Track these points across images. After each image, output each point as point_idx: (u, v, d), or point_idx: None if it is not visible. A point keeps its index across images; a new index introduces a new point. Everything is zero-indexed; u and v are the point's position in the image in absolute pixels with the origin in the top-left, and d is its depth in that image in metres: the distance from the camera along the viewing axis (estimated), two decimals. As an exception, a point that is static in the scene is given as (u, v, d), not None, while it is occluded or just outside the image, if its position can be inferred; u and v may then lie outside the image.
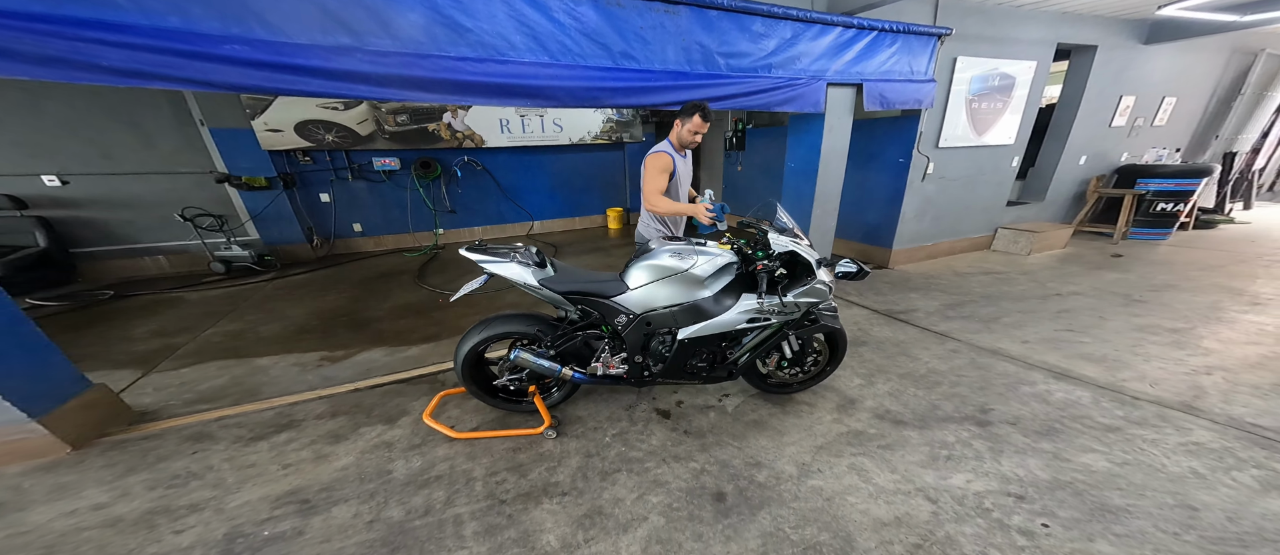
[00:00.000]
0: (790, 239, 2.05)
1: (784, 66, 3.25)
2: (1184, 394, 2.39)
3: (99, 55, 1.63)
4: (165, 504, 1.73)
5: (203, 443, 2.11)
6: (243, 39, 1.83)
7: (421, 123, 5.47)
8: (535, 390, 2.18)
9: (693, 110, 2.32)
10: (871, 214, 4.99)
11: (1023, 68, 4.59)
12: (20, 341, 1.99)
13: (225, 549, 1.53)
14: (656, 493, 1.83)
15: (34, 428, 1.93)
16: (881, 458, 2.00)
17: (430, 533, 1.63)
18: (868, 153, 4.83)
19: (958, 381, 2.59)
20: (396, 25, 2.11)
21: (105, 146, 4.66)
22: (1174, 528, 1.56)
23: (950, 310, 3.65)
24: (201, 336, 3.37)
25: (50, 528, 1.62)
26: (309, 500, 1.75)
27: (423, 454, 2.03)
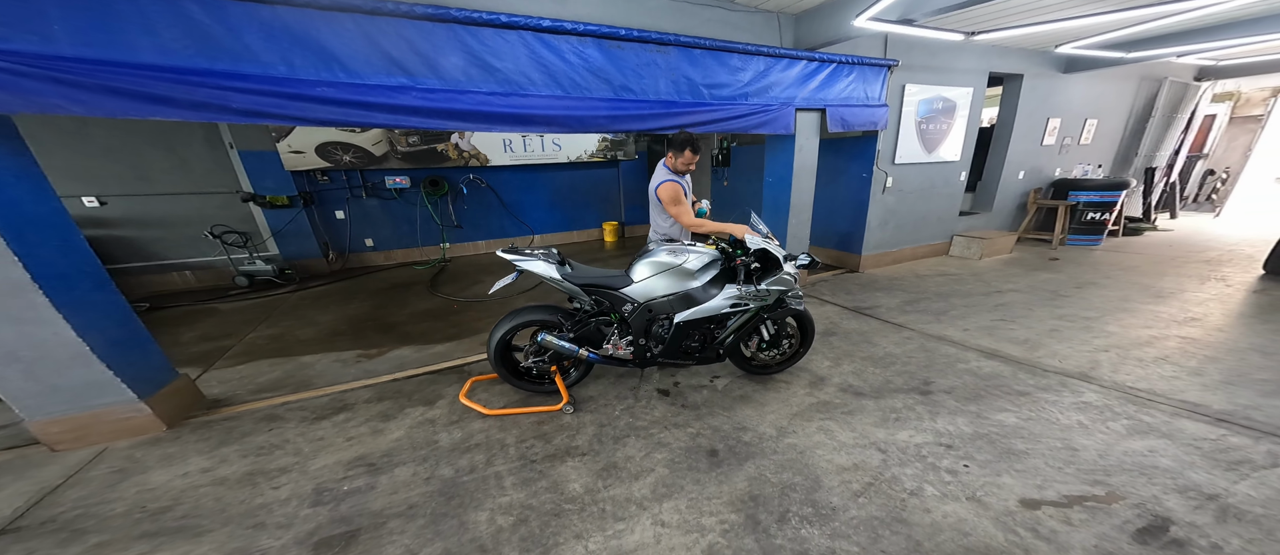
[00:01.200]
0: (763, 240, 2.42)
1: (759, 95, 3.66)
2: (1083, 366, 2.81)
3: (229, 100, 1.95)
4: (258, 467, 2.00)
5: (274, 422, 2.37)
6: (330, 82, 2.16)
7: (431, 143, 5.76)
8: (556, 370, 2.48)
9: (684, 144, 2.60)
10: (842, 223, 5.42)
11: (962, 93, 5.10)
12: (132, 335, 2.27)
13: (315, 499, 1.81)
14: (660, 451, 2.15)
15: (141, 407, 2.20)
16: (844, 421, 2.35)
17: (477, 485, 1.91)
18: (837, 169, 5.28)
19: (908, 362, 2.97)
20: (442, 67, 2.44)
21: (143, 169, 4.85)
22: (1058, 464, 1.94)
23: (908, 306, 4.06)
24: (245, 340, 3.59)
25: (171, 486, 1.88)
26: (374, 464, 2.03)
27: (461, 428, 2.32)
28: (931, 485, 1.85)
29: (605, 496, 1.86)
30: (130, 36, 1.75)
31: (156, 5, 1.76)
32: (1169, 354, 2.93)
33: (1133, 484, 1.80)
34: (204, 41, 1.87)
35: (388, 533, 1.65)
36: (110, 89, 1.72)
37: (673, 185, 2.59)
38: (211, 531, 1.66)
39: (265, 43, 1.97)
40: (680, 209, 2.57)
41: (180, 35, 1.83)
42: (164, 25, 1.79)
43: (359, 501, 1.80)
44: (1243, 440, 2.04)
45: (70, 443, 2.13)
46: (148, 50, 1.78)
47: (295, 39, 2.03)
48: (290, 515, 1.73)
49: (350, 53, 2.17)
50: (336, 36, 2.12)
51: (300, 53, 2.05)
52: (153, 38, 1.79)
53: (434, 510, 1.75)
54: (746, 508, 1.78)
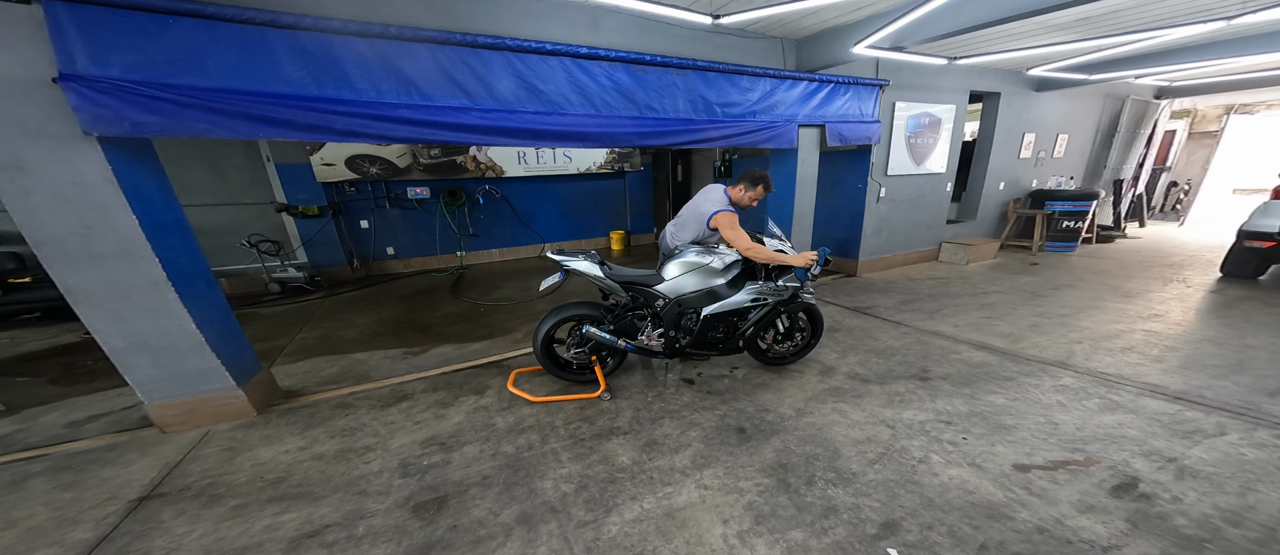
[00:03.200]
0: (778, 242, 2.67)
1: (766, 112, 3.95)
2: (1060, 355, 3.09)
3: (334, 122, 2.20)
4: (346, 446, 2.20)
5: (348, 409, 2.56)
6: (409, 104, 2.40)
7: (451, 155, 5.99)
8: (595, 359, 2.70)
9: (757, 182, 2.74)
10: (841, 230, 5.70)
11: (945, 110, 5.45)
12: (231, 329, 2.49)
13: (402, 471, 2.01)
14: (693, 430, 2.37)
15: (238, 394, 2.41)
16: (854, 403, 2.59)
17: (537, 459, 2.12)
18: (835, 180, 5.58)
19: (907, 353, 3.23)
20: (496, 89, 2.69)
21: (186, 182, 5.02)
22: (1043, 435, 2.21)
23: (903, 306, 4.33)
24: (296, 340, 3.76)
25: (278, 461, 2.08)
26: (444, 443, 2.24)
27: (513, 413, 2.52)
28: (937, 454, 2.09)
29: (651, 467, 2.07)
30: (262, 69, 2.00)
31: (281, 41, 2.01)
32: (1135, 345, 3.21)
33: (1106, 450, 2.06)
34: (316, 71, 2.11)
35: (471, 498, 1.85)
36: (248, 115, 1.97)
37: (732, 216, 2.65)
38: (325, 497, 1.86)
39: (360, 71, 2.22)
40: (738, 234, 2.57)
41: (298, 66, 2.07)
42: (286, 58, 2.04)
43: (440, 474, 2.00)
44: (1196, 414, 2.32)
45: (179, 425, 2.32)
46: (276, 81, 2.04)
47: (383, 67, 2.28)
48: (386, 485, 1.93)
49: (424, 78, 2.41)
50: (413, 64, 2.37)
51: (387, 79, 2.30)
52: (279, 70, 2.04)
53: (505, 480, 1.95)
54: (777, 473, 2.00)
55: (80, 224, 1.88)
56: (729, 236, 2.59)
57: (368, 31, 2.16)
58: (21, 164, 1.75)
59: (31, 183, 1.78)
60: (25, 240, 1.82)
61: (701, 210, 2.77)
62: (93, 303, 1.99)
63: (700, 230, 2.81)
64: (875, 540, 1.60)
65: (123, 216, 1.93)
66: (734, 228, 2.60)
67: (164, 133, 1.88)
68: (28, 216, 1.80)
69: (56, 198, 1.83)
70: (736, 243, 2.57)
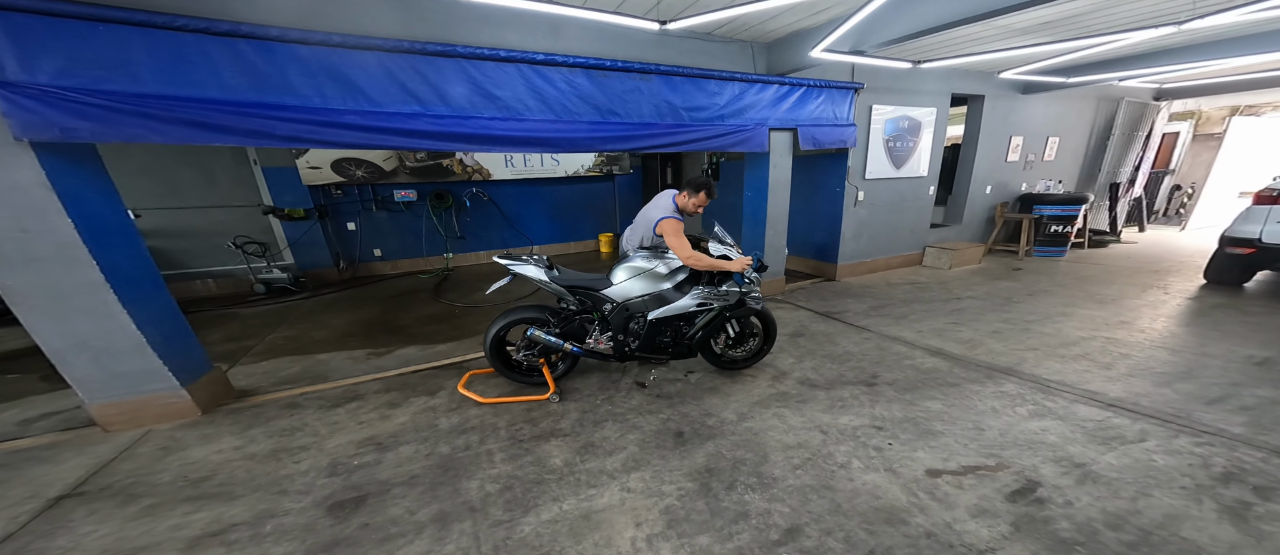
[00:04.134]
0: (724, 247, 2.69)
1: (735, 116, 3.96)
2: (1011, 362, 3.08)
3: (275, 128, 2.25)
4: (282, 445, 2.26)
5: (296, 409, 2.63)
6: (356, 110, 2.45)
7: (437, 159, 6.08)
8: (544, 362, 2.74)
9: (699, 188, 2.71)
10: (820, 235, 5.69)
11: (926, 113, 5.41)
12: (179, 329, 2.55)
13: (330, 471, 2.06)
14: (634, 433, 2.39)
15: (182, 394, 2.47)
16: (796, 408, 2.60)
17: (471, 459, 2.16)
18: (814, 183, 5.57)
19: (862, 359, 3.23)
20: (449, 95, 2.74)
21: (175, 184, 5.16)
22: (965, 440, 2.21)
23: (873, 311, 4.32)
24: (266, 340, 3.85)
25: (208, 460, 2.14)
26: (382, 443, 2.29)
27: (459, 414, 2.57)
28: (859, 459, 2.09)
29: (582, 469, 2.10)
30: (199, 75, 2.06)
31: (218, 47, 2.07)
32: (1090, 352, 3.18)
33: (1020, 456, 2.06)
34: (255, 77, 2.17)
35: (392, 497, 1.89)
36: (184, 121, 2.03)
37: (677, 223, 2.64)
38: (243, 496, 1.91)
39: (303, 77, 2.28)
40: (680, 242, 2.57)
41: (237, 73, 2.13)
42: (225, 64, 2.10)
43: (368, 473, 2.05)
44: (1123, 421, 2.31)
45: (121, 424, 2.38)
46: (213, 87, 2.09)
47: (328, 73, 2.34)
48: (309, 484, 1.98)
49: (372, 84, 2.47)
50: (361, 70, 2.42)
51: (332, 85, 2.36)
52: (216, 76, 2.09)
53: (432, 479, 2.00)
54: (702, 478, 2.03)
55: (16, 227, 1.95)
56: (672, 244, 2.60)
57: (309, 39, 2.22)
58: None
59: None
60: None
61: (649, 216, 2.79)
62: (30, 304, 2.06)
63: (649, 236, 2.84)
64: (776, 546, 1.62)
65: (59, 220, 1.99)
66: (677, 234, 2.61)
67: (97, 138, 1.94)
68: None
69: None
70: (678, 250, 2.58)
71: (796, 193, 5.73)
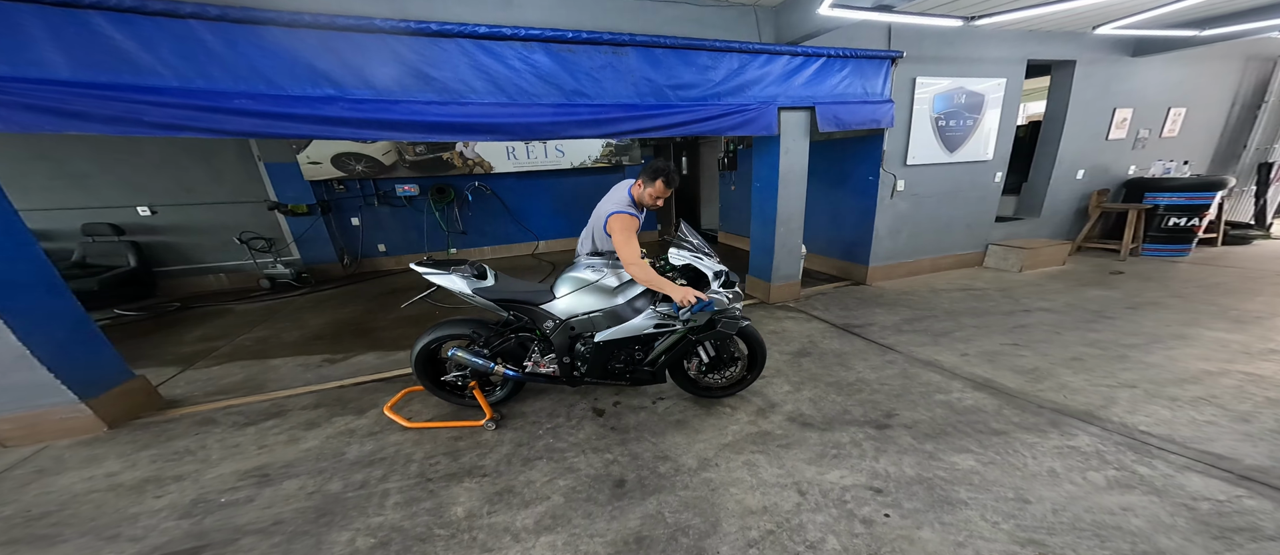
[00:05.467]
0: (691, 253, 2.21)
1: (734, 94, 3.42)
2: (1093, 403, 2.35)
3: (143, 113, 2.03)
4: (158, 473, 2.07)
5: (206, 427, 2.47)
6: (248, 94, 2.21)
7: (437, 152, 5.96)
8: (475, 385, 2.40)
9: (656, 175, 2.24)
10: (848, 231, 4.99)
11: (991, 85, 4.54)
12: (82, 338, 2.42)
13: (187, 511, 1.82)
14: (566, 478, 2.00)
15: (81, 409, 2.34)
16: (776, 455, 2.09)
17: (359, 502, 1.86)
18: (842, 172, 4.88)
19: (879, 389, 2.63)
20: (373, 77, 2.45)
21: (187, 181, 5.38)
22: (998, 517, 1.61)
23: (907, 325, 3.63)
24: (236, 341, 3.83)
25: (70, 489, 1.97)
26: (269, 475, 2.04)
27: (377, 440, 2.30)
28: (836, 537, 1.58)
29: (484, 524, 1.74)
30: (44, 54, 1.87)
31: (68, 23, 1.87)
32: (1218, 394, 2.39)
33: (1075, 547, 1.44)
34: (114, 56, 1.96)
35: (236, 550, 1.62)
36: (26, 105, 1.85)
37: (626, 218, 2.17)
38: (68, 541, 1.69)
39: (180, 57, 2.05)
40: (629, 244, 2.11)
41: (94, 51, 1.92)
42: (76, 42, 1.90)
43: (228, 515, 1.79)
44: (1261, 503, 1.60)
45: (21, 439, 2.30)
46: (62, 67, 1.90)
47: (212, 53, 2.10)
48: (152, 527, 1.74)
49: (272, 64, 2.21)
50: (256, 48, 2.16)
51: (218, 66, 2.12)
52: (66, 55, 1.89)
53: (297, 528, 1.71)
54: (627, 552, 1.60)
55: None
56: (618, 244, 2.15)
57: (179, 10, 1.99)
58: None
59: None
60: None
61: (601, 211, 2.36)
62: None
63: (601, 236, 2.42)
64: None
65: None
66: (627, 234, 2.15)
67: None
68: None
69: None
70: (622, 253, 2.12)
71: (817, 182, 5.08)
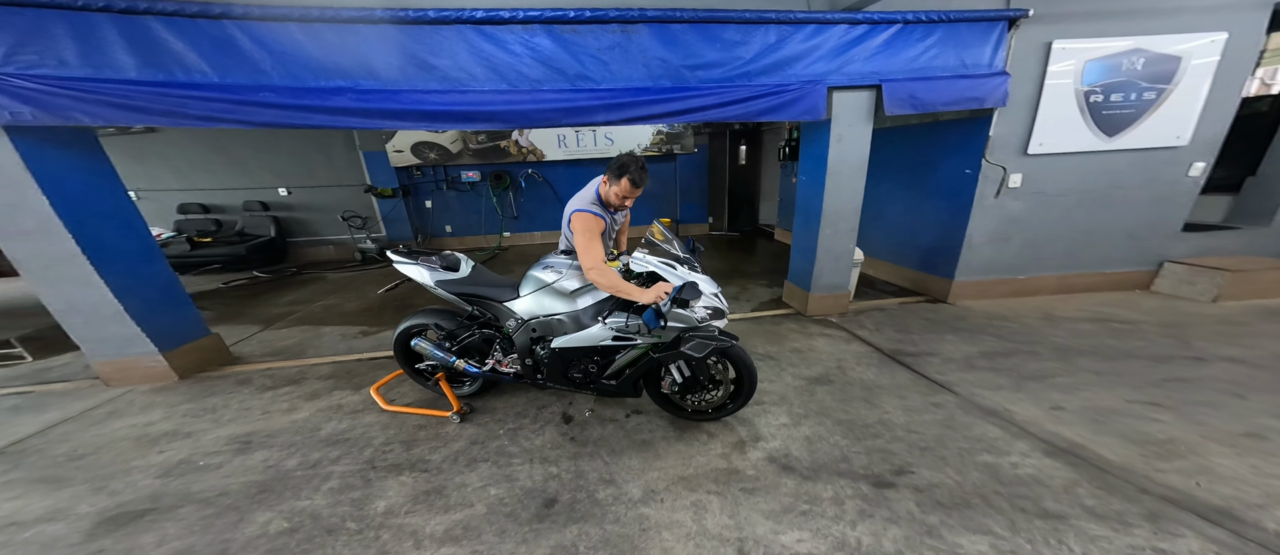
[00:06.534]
0: (659, 260, 1.99)
1: (769, 73, 3.02)
2: (1244, 499, 1.64)
3: (187, 106, 2.40)
4: (177, 428, 2.44)
5: (240, 387, 2.89)
6: (271, 87, 2.49)
7: (496, 140, 6.36)
8: (442, 377, 2.47)
9: (621, 172, 2.02)
10: (928, 235, 4.19)
11: (1197, 43, 3.37)
12: (169, 299, 3.01)
13: (168, 471, 2.08)
14: (499, 487, 1.96)
15: (159, 360, 2.89)
16: (733, 501, 1.82)
17: (300, 482, 1.99)
18: (920, 163, 4.11)
19: (903, 437, 2.14)
20: (378, 67, 2.60)
21: (311, 167, 6.55)
22: None
23: (983, 359, 2.92)
24: (311, 307, 4.50)
25: (113, 435, 2.39)
26: (250, 443, 2.29)
27: (355, 419, 2.48)
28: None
29: (396, 524, 1.77)
30: (118, 57, 2.28)
31: (134, 29, 2.25)
32: None
33: None
34: (167, 56, 2.31)
35: (172, 518, 1.79)
36: (107, 102, 2.28)
37: (588, 218, 2.02)
38: (72, 486, 1.98)
39: (219, 54, 2.35)
40: (590, 247, 1.96)
41: (152, 52, 2.29)
42: (140, 46, 2.27)
43: (192, 480, 2.01)
44: None
45: (115, 381, 2.90)
46: (130, 68, 2.30)
47: (241, 51, 2.38)
48: (132, 483, 1.99)
49: (291, 58, 2.45)
50: (278, 43, 2.41)
51: (247, 63, 2.40)
52: (134, 57, 2.28)
53: (233, 502, 1.87)
54: (515, 584, 1.51)
55: (5, 203, 2.38)
56: (578, 245, 2.00)
57: (209, 11, 2.27)
58: None
59: None
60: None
61: (567, 208, 2.24)
62: (29, 270, 2.53)
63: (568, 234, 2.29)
64: None
65: (36, 197, 2.37)
66: (588, 236, 2.00)
67: (38, 120, 2.25)
68: None
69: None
70: (582, 256, 1.97)
71: (886, 175, 4.38)
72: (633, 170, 2.01)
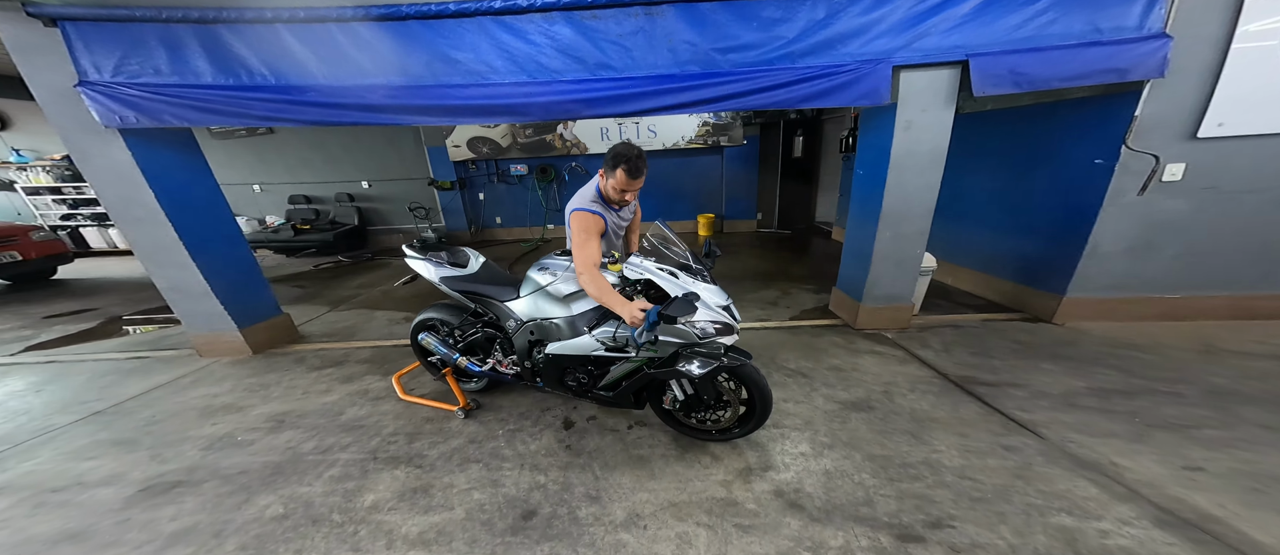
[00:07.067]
0: (658, 267, 1.82)
1: (817, 53, 2.69)
2: None
3: (250, 107, 2.64)
4: (235, 402, 2.72)
5: (296, 365, 3.19)
6: (316, 87, 2.68)
7: (542, 134, 6.49)
8: (449, 373, 2.51)
9: (616, 162, 1.88)
10: (1034, 240, 3.51)
11: None
12: (249, 281, 3.42)
13: (211, 444, 2.31)
14: (485, 491, 1.93)
15: (237, 335, 3.29)
16: (724, 537, 1.62)
17: (307, 468, 2.10)
18: (1030, 151, 3.46)
19: (950, 484, 1.78)
20: (407, 63, 2.67)
21: (386, 162, 7.27)
22: None
23: (1094, 398, 2.37)
24: (373, 291, 4.92)
25: (186, 403, 2.72)
26: (283, 422, 2.49)
27: (375, 405, 2.60)
28: None
29: (376, 520, 1.79)
30: (197, 64, 2.59)
31: (208, 37, 2.54)
32: None
33: None
34: (234, 61, 2.58)
35: (195, 492, 1.95)
36: (189, 104, 2.60)
37: (585, 217, 1.90)
38: (138, 450, 2.25)
39: (275, 58, 2.58)
40: (584, 247, 1.84)
41: (222, 58, 2.57)
42: (213, 52, 2.56)
43: (225, 456, 2.20)
44: None
45: (206, 352, 3.36)
46: (207, 74, 2.60)
47: (292, 54, 2.59)
48: (182, 453, 2.22)
49: (332, 59, 2.61)
50: (322, 45, 2.58)
51: (292, 64, 2.60)
52: (210, 63, 2.58)
53: (246, 483, 2.01)
54: (469, 601, 1.46)
55: (122, 195, 2.84)
56: (574, 245, 1.90)
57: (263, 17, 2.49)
58: (84, 151, 2.74)
59: (92, 165, 2.77)
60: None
61: (568, 207, 2.13)
62: (141, 252, 3.01)
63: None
64: None
65: (144, 191, 2.79)
66: (585, 234, 1.88)
67: (141, 123, 2.59)
68: (100, 189, 2.85)
69: (106, 175, 2.76)
70: (576, 256, 1.86)
71: (974, 166, 3.73)
72: (630, 159, 1.86)
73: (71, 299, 5.21)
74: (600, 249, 1.90)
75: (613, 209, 2.08)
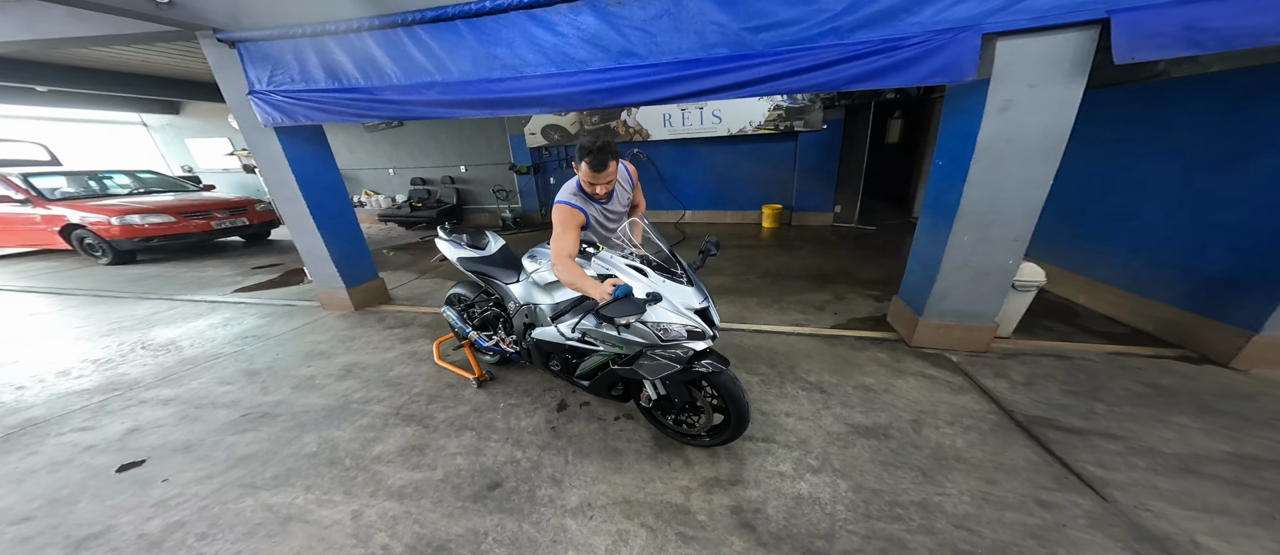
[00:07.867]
0: (624, 263, 1.83)
1: (872, 25, 2.36)
2: None
3: (349, 106, 3.18)
4: (326, 349, 3.33)
5: (379, 323, 3.80)
6: (391, 86, 3.10)
7: (607, 121, 6.63)
8: (467, 344, 2.77)
9: (580, 157, 1.89)
10: (1224, 257, 2.68)
11: None
12: (354, 247, 4.14)
13: (300, 384, 2.86)
14: (466, 458, 2.13)
15: (344, 294, 4.03)
16: (660, 543, 1.62)
17: (349, 415, 2.49)
18: (1235, 135, 2.63)
19: (939, 533, 1.52)
20: (458, 61, 2.97)
21: (478, 148, 8.13)
22: None
23: (1236, 467, 1.82)
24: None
25: (300, 342, 3.44)
26: (350, 372, 2.98)
27: (416, 367, 2.99)
28: None
29: (374, 469, 2.07)
30: (313, 72, 3.16)
31: (320, 49, 3.09)
32: None
33: None
34: (339, 68, 3.12)
35: (269, 424, 2.42)
36: (309, 105, 3.22)
37: (565, 210, 1.94)
38: (257, 382, 2.87)
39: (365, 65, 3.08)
40: (561, 238, 1.89)
41: (329, 65, 3.12)
42: (325, 61, 3.12)
43: (302, 395, 2.70)
44: None
45: (327, 306, 4.16)
46: (322, 80, 3.17)
47: (375, 60, 3.04)
48: (279, 389, 2.78)
49: (403, 60, 3.01)
50: (394, 48, 2.98)
51: (373, 67, 3.07)
52: (324, 71, 3.14)
53: (310, 422, 2.44)
54: (423, 552, 1.66)
55: (278, 178, 3.63)
56: (552, 237, 1.96)
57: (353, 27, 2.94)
58: (256, 144, 3.54)
59: (260, 155, 3.57)
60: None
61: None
62: (289, 223, 3.83)
63: None
64: None
65: (290, 176, 3.57)
66: (562, 226, 1.92)
67: (284, 122, 3.29)
68: (265, 173, 3.67)
69: (269, 163, 3.58)
70: (552, 247, 1.92)
71: (1146, 153, 3.04)
72: (591, 152, 1.85)
73: (274, 255, 6.70)
74: (577, 240, 1.95)
75: (596, 202, 2.10)
